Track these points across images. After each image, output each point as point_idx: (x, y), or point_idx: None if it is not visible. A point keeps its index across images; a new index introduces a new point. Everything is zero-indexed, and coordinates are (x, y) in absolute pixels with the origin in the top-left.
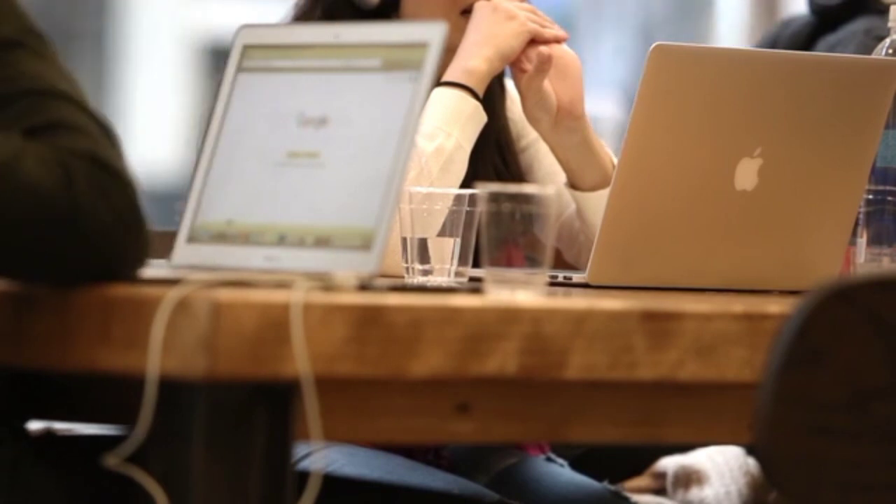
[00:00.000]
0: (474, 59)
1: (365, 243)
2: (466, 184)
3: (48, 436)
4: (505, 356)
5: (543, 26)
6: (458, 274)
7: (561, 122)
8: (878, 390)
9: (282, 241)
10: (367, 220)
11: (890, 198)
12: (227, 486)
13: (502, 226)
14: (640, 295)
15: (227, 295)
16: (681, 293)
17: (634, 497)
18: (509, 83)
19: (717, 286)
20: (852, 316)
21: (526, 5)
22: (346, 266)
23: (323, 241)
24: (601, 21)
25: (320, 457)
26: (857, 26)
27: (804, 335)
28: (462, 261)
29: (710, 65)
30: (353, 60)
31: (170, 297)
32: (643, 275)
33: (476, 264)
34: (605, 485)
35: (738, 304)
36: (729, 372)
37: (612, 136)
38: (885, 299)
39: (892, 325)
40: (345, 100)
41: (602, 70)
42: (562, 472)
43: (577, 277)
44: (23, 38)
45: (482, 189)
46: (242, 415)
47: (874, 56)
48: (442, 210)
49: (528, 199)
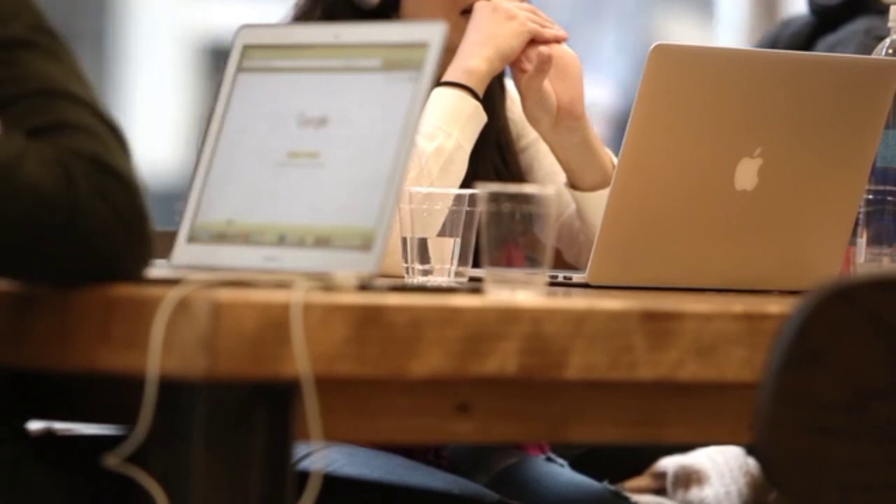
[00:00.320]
0: (474, 59)
1: (365, 243)
2: (466, 184)
3: (48, 436)
4: (505, 356)
5: (543, 26)
6: (458, 274)
7: (561, 122)
8: (878, 390)
9: (282, 241)
10: (367, 220)
11: (890, 198)
12: (227, 486)
13: (502, 226)
14: (640, 295)
15: (227, 295)
16: (681, 293)
17: (634, 497)
18: (509, 83)
19: (717, 286)
20: (852, 316)
21: (526, 5)
22: (346, 266)
23: (323, 242)
24: (601, 21)
25: (320, 457)
26: (857, 26)
27: (804, 335)
28: (462, 261)
29: (710, 65)
30: (353, 60)
31: (170, 297)
32: (643, 275)
33: (476, 264)
34: (605, 485)
35: (738, 304)
36: (729, 372)
37: (602, 122)
38: (885, 299)
39: (892, 325)
40: (345, 100)
41: (602, 65)
42: (562, 472)
43: (577, 277)
44: (35, 38)
45: (482, 189)
46: (242, 415)
47: (874, 56)
48: (442, 210)
49: (528, 199)
